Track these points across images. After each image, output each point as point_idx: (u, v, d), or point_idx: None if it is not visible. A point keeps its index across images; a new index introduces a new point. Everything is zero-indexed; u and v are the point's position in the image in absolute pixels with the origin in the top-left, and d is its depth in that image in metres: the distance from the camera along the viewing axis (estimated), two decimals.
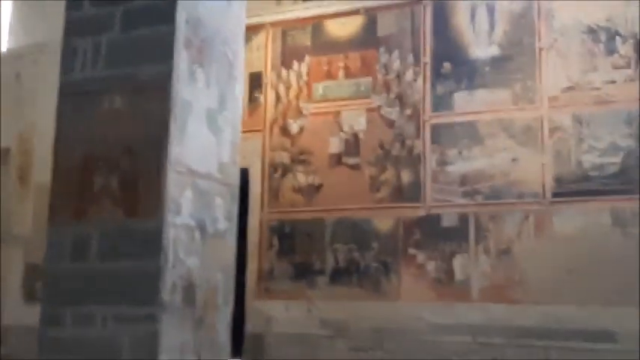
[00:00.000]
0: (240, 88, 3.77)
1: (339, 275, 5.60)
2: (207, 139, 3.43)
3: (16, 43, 7.64)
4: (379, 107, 5.72)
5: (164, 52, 3.23)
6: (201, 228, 3.32)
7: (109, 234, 3.18)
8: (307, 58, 6.01)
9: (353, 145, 5.77)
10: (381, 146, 5.63)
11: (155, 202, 3.09)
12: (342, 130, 5.82)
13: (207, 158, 3.41)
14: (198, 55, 3.39)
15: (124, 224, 3.15)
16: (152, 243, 3.07)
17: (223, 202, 3.51)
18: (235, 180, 3.66)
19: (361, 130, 5.75)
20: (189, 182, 3.26)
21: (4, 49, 7.59)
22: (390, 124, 5.66)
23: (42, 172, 6.88)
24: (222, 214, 3.50)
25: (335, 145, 5.82)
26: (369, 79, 5.80)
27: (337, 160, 5.80)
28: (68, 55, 3.48)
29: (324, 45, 6.00)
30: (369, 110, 5.76)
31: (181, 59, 3.26)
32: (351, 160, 5.75)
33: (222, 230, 3.49)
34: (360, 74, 5.84)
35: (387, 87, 5.72)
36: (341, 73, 5.91)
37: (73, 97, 3.41)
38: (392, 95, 5.70)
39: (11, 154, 7.30)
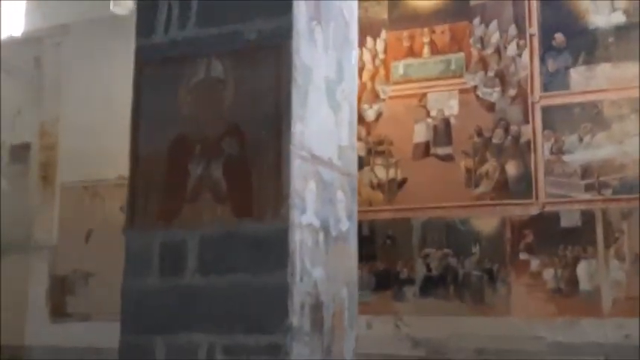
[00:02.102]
0: (356, 56, 3.15)
1: (431, 285, 4.97)
2: (327, 117, 2.81)
3: (35, 24, 7.09)
4: (475, 87, 5.09)
5: (280, 3, 2.61)
6: (325, 230, 2.70)
7: (212, 240, 2.55)
8: (384, 34, 5.39)
9: (443, 132, 5.15)
10: (479, 133, 5.01)
11: (277, 197, 2.47)
12: (429, 116, 5.20)
13: (327, 141, 2.78)
14: (315, 10, 2.77)
15: (233, 227, 2.52)
16: (274, 250, 2.44)
17: (345, 196, 2.90)
18: (354, 169, 3.04)
19: (453, 114, 5.13)
20: (312, 171, 2.63)
21: (20, 32, 7.03)
22: (490, 107, 5.04)
23: (68, 170, 6.41)
24: (344, 211, 2.89)
25: (421, 133, 5.20)
26: (461, 55, 5.18)
27: (424, 150, 5.18)
28: (146, 12, 2.83)
29: (404, 17, 5.37)
30: (463, 91, 5.14)
31: (300, 13, 2.64)
32: (442, 150, 5.13)
33: (344, 232, 2.87)
34: (449, 50, 5.22)
35: (483, 64, 5.10)
36: (426, 50, 5.29)
37: (156, 66, 2.78)
38: (490, 73, 5.07)
39: (32, 150, 6.75)
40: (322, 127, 2.73)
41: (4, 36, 6.85)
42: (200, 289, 2.54)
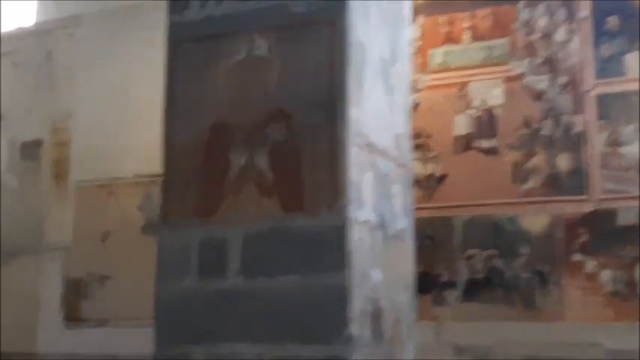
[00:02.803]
0: (410, 35, 2.92)
1: (476, 289, 4.71)
2: (382, 101, 2.57)
3: (46, 15, 6.91)
4: (521, 75, 4.83)
5: None
6: (382, 227, 2.46)
7: (258, 237, 2.32)
8: (420, 19, 5.14)
9: (487, 124, 4.89)
10: (527, 124, 4.75)
11: (332, 190, 2.23)
12: (470, 106, 4.95)
13: (383, 128, 2.55)
14: None
15: (282, 223, 2.29)
16: (330, 249, 2.21)
17: (401, 190, 2.66)
18: (410, 160, 2.81)
19: (497, 104, 4.86)
20: (369, 161, 2.40)
21: (31, 24, 6.86)
22: (538, 95, 4.78)
23: (82, 168, 6.21)
24: (401, 207, 2.65)
25: (462, 125, 4.94)
26: (505, 40, 4.91)
27: (466, 143, 4.92)
28: None
29: (441, 1, 5.13)
30: (508, 80, 4.88)
31: None
32: (486, 143, 4.87)
33: (401, 230, 2.63)
34: (492, 35, 4.95)
35: (530, 50, 4.84)
36: (466, 36, 5.04)
37: (191, 45, 2.55)
38: (538, 60, 4.81)
39: (44, 147, 6.56)
40: (377, 113, 2.50)
41: (14, 28, 6.74)
42: (244, 292, 2.31)
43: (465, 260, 4.79)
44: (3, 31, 6.75)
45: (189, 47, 2.55)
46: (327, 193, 2.23)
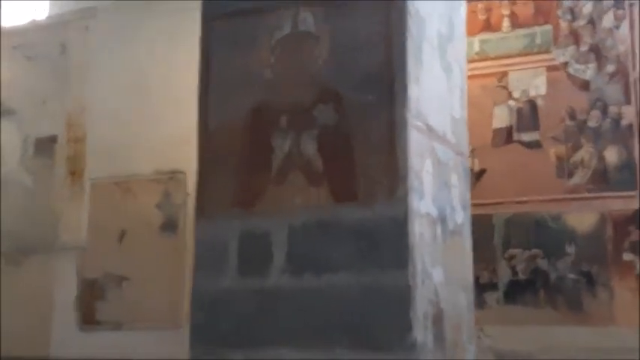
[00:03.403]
0: (464, 10, 2.71)
1: (518, 291, 4.48)
2: (440, 81, 2.36)
3: (60, 8, 6.75)
4: (565, 64, 4.60)
5: None
6: (442, 221, 2.25)
7: (305, 231, 2.11)
8: None
9: (529, 115, 4.66)
10: (572, 116, 4.52)
11: (391, 178, 2.02)
12: (511, 97, 4.71)
13: (441, 111, 2.33)
14: None
15: (332, 214, 2.08)
16: (389, 244, 2.00)
17: (459, 180, 2.45)
18: (467, 148, 2.59)
19: (540, 95, 4.63)
20: (428, 147, 2.19)
21: (44, 16, 6.70)
22: (584, 85, 4.55)
23: (98, 164, 6.03)
24: (459, 199, 2.44)
25: (502, 117, 4.71)
26: (548, 27, 4.68)
27: (506, 136, 4.69)
28: None
29: None
30: (551, 69, 4.64)
31: None
32: (527, 136, 4.64)
33: (460, 225, 2.42)
34: (533, 22, 4.72)
35: (575, 37, 4.61)
36: (505, 23, 4.80)
37: (229, 20, 2.34)
38: (583, 48, 4.58)
39: (58, 143, 6.39)
40: (435, 93, 2.28)
41: (27, 20, 6.57)
42: (289, 292, 2.11)
43: (507, 261, 4.56)
44: (16, 23, 6.63)
45: (227, 23, 2.35)
46: (385, 181, 2.02)
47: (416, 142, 2.06)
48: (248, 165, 2.22)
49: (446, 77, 2.38)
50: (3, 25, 6.53)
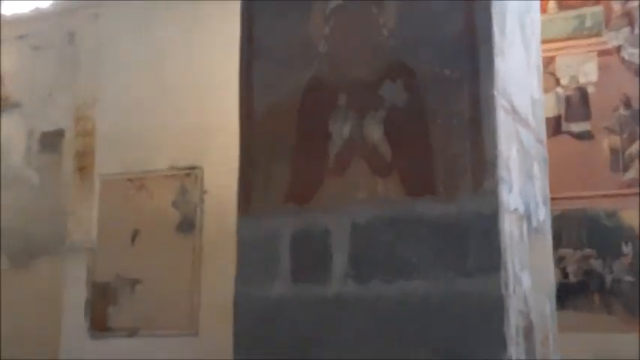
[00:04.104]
0: None
1: (569, 295, 4.20)
2: (521, 57, 2.07)
3: None
4: (618, 48, 4.33)
5: None
6: (528, 217, 1.96)
7: (371, 229, 1.83)
8: None
9: (579, 104, 4.40)
10: (627, 104, 4.26)
11: (476, 166, 1.73)
12: (558, 84, 4.45)
13: (522, 90, 2.05)
14: None
15: (404, 210, 1.80)
16: (476, 246, 1.71)
17: (540, 171, 2.16)
18: (544, 134, 2.31)
19: (591, 82, 4.37)
20: (514, 130, 1.90)
21: (51, 4, 6.47)
22: (638, 71, 4.31)
23: (108, 160, 5.83)
24: (541, 193, 2.15)
25: (549, 106, 4.43)
26: (599, 9, 4.41)
27: (554, 126, 4.40)
28: None
29: None
30: (602, 53, 4.38)
31: None
32: (577, 127, 4.37)
33: (542, 222, 2.13)
34: (582, 3, 4.46)
35: (629, 19, 4.33)
36: (552, 5, 4.54)
37: None
38: (638, 30, 4.33)
39: (66, 137, 6.20)
40: (517, 70, 1.99)
41: (32, 8, 6.30)
42: (353, 302, 1.82)
43: (556, 262, 4.28)
44: (21, 12, 6.41)
45: None
46: (470, 170, 1.73)
47: (504, 124, 1.77)
48: (301, 153, 1.93)
49: (525, 54, 2.10)
50: (6, 13, 6.35)
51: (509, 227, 1.74)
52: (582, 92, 4.40)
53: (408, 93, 1.83)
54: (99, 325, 5.60)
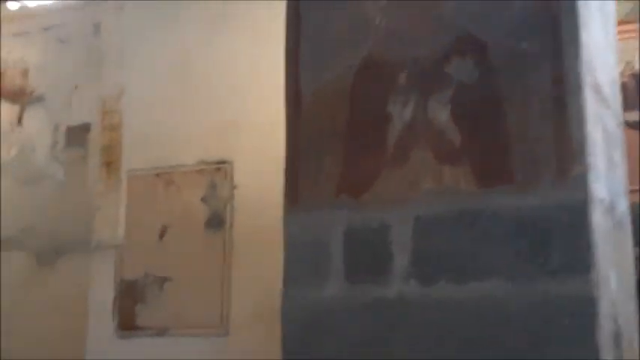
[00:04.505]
0: None
1: None
2: (601, 34, 1.87)
3: None
4: None
5: None
6: (612, 209, 1.76)
7: (438, 225, 1.64)
8: None
9: (634, 91, 4.20)
10: None
11: (562, 152, 1.54)
12: None
13: (603, 69, 1.84)
14: None
15: (476, 202, 1.61)
16: (564, 242, 1.51)
17: (621, 158, 1.95)
18: (622, 118, 2.10)
19: None
20: (599, 113, 1.70)
21: None
22: None
23: (136, 154, 5.68)
24: (621, 182, 1.94)
25: None
26: None
27: None
28: None
29: None
30: None
31: None
32: (632, 116, 4.17)
33: (622, 214, 1.93)
34: None
35: None
36: None
37: None
38: None
39: (92, 132, 6.09)
40: (598, 47, 1.79)
41: (57, 0, 6.25)
42: (417, 305, 1.63)
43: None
44: (45, 3, 6.33)
45: None
46: (553, 156, 1.53)
47: (590, 103, 1.58)
48: (356, 139, 1.74)
49: (604, 31, 1.89)
50: (31, 5, 6.28)
51: (598, 220, 1.54)
52: (637, 79, 4.19)
53: (479, 70, 1.64)
54: (126, 324, 5.44)
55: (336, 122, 1.78)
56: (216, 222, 5.33)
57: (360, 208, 1.72)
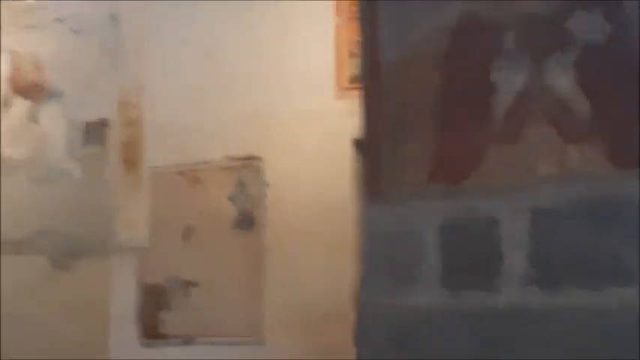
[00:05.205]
0: None
1: None
2: None
3: None
4: None
5: None
6: None
7: (564, 217, 1.35)
8: None
9: None
10: None
11: None
12: None
13: None
14: None
15: (616, 190, 1.32)
16: None
17: None
18: None
19: None
20: None
21: None
22: None
23: (158, 151, 5.53)
24: None
25: None
26: None
27: None
28: None
29: None
30: None
31: None
32: None
33: None
34: None
35: None
36: None
37: None
38: None
39: (111, 127, 5.98)
40: None
41: None
42: (537, 315, 1.34)
43: None
44: None
45: None
46: None
47: None
48: (451, 115, 1.46)
49: None
50: None
51: None
52: None
53: (611, 27, 1.35)
54: (150, 331, 5.34)
55: (425, 95, 1.50)
56: (245, 222, 5.16)
57: (459, 198, 1.43)
